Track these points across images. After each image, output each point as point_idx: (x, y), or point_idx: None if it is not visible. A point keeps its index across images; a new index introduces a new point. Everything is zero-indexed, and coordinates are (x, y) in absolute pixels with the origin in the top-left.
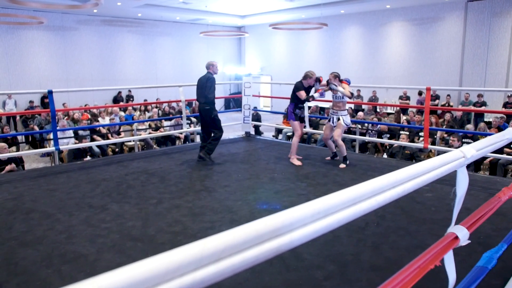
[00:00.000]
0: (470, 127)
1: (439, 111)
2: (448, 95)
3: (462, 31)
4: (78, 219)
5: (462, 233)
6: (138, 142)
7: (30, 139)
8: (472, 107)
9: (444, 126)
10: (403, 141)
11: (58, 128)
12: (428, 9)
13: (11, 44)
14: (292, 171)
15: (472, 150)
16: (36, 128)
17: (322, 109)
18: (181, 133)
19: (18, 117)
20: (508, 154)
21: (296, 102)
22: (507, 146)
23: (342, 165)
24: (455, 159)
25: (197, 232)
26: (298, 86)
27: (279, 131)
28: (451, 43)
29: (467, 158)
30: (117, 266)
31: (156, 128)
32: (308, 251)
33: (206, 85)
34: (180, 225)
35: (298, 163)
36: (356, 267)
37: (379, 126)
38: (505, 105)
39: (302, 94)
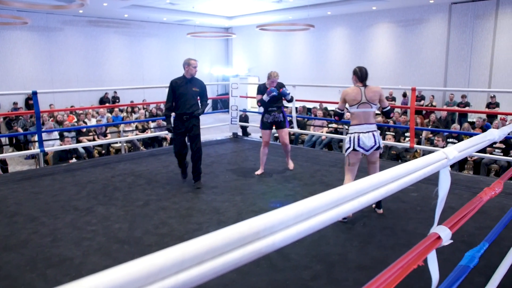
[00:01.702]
0: (456, 126)
1: (424, 112)
2: (432, 96)
3: (446, 33)
4: (63, 222)
5: (444, 233)
6: (124, 144)
7: (14, 141)
8: (456, 108)
9: (429, 126)
10: (389, 141)
11: (43, 129)
12: (413, 11)
13: None
14: (279, 172)
15: (454, 151)
16: (20, 130)
17: (309, 109)
18: (168, 135)
19: (1, 119)
20: (491, 153)
21: (265, 107)
22: (490, 146)
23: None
24: (437, 160)
25: (184, 234)
26: (257, 89)
27: None
28: (436, 44)
29: (449, 159)
30: (103, 269)
31: (143, 130)
32: (295, 251)
33: None
34: (167, 227)
35: (259, 172)
36: (343, 267)
37: None
38: (488, 105)
39: (256, 98)
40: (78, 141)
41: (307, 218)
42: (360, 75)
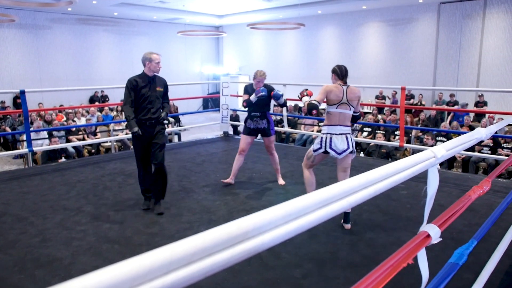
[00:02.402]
0: (446, 125)
1: (413, 110)
2: (420, 94)
3: (435, 32)
4: (52, 222)
5: (433, 231)
6: (115, 143)
7: (1, 140)
8: (445, 106)
9: (419, 125)
10: (379, 140)
11: (32, 129)
12: (403, 10)
13: None
14: (270, 170)
15: (442, 150)
16: (8, 129)
17: (300, 108)
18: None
19: None
20: (479, 152)
21: (248, 111)
22: (478, 144)
23: None
24: (426, 159)
25: (175, 233)
26: (244, 88)
27: None
28: (425, 43)
29: (437, 158)
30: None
31: None
32: (286, 250)
33: None
34: (157, 226)
35: (227, 181)
36: (334, 265)
37: (355, 125)
38: (476, 104)
39: (243, 98)
40: (68, 140)
41: (296, 218)
42: (340, 73)
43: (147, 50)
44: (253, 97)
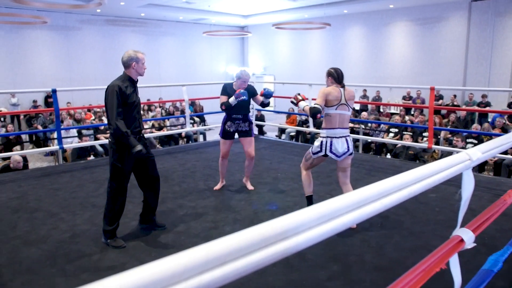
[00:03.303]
0: (477, 126)
1: (443, 111)
2: (454, 95)
3: (465, 31)
4: (82, 218)
5: (467, 236)
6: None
7: (34, 138)
8: (476, 107)
9: (448, 127)
10: (407, 141)
11: (62, 127)
12: (431, 9)
13: (15, 43)
14: (295, 171)
15: (478, 153)
16: (40, 127)
17: None
18: (184, 133)
19: (22, 116)
20: None
21: (228, 113)
22: None
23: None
24: (461, 161)
25: (200, 232)
26: (222, 89)
27: (282, 131)
28: (455, 43)
29: (473, 161)
30: (121, 266)
31: (160, 128)
32: (312, 251)
33: (105, 99)
34: (182, 224)
35: (216, 187)
36: (360, 268)
37: (382, 125)
38: (510, 105)
39: (221, 100)
40: (96, 139)
41: (330, 220)
42: (337, 76)
43: (173, 50)
44: (232, 100)
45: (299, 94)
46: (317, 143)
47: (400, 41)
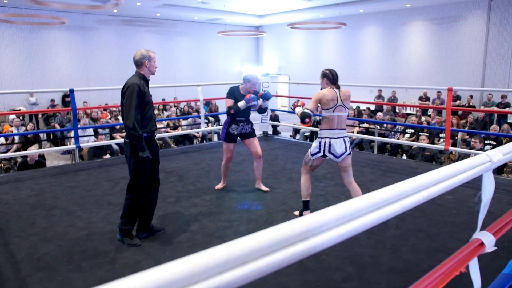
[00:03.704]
0: (495, 128)
1: (460, 112)
2: (470, 96)
3: (485, 30)
4: (98, 216)
5: (488, 239)
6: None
7: (51, 137)
8: (495, 108)
9: (466, 128)
10: (423, 143)
11: (79, 126)
12: (449, 8)
13: (34, 44)
14: None
15: (498, 154)
16: (57, 126)
17: None
18: (198, 132)
19: (40, 115)
20: None
21: (232, 115)
22: None
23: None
24: (481, 163)
25: (215, 231)
26: (229, 92)
27: (296, 131)
28: (473, 42)
29: (493, 163)
30: (136, 264)
31: (174, 127)
32: (326, 252)
33: (124, 98)
34: (197, 223)
35: (218, 186)
36: (375, 270)
37: (397, 126)
38: None
39: (227, 103)
40: (112, 138)
41: (349, 221)
42: (332, 78)
43: (188, 50)
44: (242, 105)
45: (298, 100)
46: (315, 144)
47: (417, 41)
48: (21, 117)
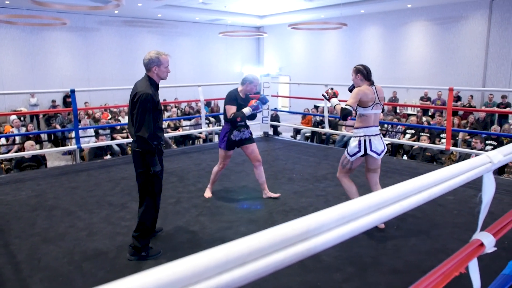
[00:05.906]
0: (496, 128)
1: (461, 113)
2: (470, 96)
3: (486, 31)
4: (98, 216)
5: (488, 240)
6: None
7: (52, 137)
8: (496, 108)
9: (467, 128)
10: (424, 143)
11: (79, 126)
12: (450, 8)
13: (35, 44)
14: (310, 171)
15: (499, 155)
16: (58, 127)
17: None
18: (199, 133)
19: (41, 116)
20: None
21: (233, 121)
22: None
23: None
24: (481, 164)
25: (215, 232)
26: (229, 97)
27: (297, 131)
28: (474, 42)
29: (494, 164)
30: (136, 264)
31: (175, 128)
32: (327, 252)
33: (134, 106)
34: (198, 224)
35: (207, 195)
36: (375, 270)
37: (398, 127)
38: None
39: (230, 110)
40: (113, 138)
41: (349, 221)
42: (367, 74)
43: (189, 51)
44: (248, 111)
45: (331, 88)
46: (353, 143)
47: (418, 41)
48: (22, 118)
